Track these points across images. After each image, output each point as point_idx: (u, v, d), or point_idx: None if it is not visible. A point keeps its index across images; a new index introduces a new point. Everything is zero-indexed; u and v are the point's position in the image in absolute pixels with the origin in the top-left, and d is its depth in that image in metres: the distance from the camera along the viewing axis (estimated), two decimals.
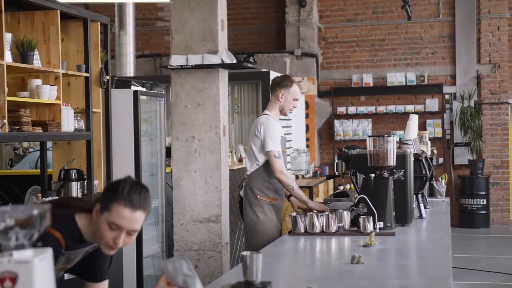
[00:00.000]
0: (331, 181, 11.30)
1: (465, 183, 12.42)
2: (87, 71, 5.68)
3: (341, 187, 12.27)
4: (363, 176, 4.58)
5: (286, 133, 10.22)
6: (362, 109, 12.93)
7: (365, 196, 4.33)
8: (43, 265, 1.75)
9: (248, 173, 5.39)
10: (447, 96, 12.83)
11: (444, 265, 3.25)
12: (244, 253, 2.72)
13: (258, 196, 5.28)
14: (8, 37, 4.78)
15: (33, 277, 1.71)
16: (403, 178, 4.54)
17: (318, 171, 11.08)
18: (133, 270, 6.35)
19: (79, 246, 2.73)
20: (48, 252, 1.78)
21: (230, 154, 8.21)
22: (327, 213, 4.35)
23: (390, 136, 4.44)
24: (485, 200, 12.34)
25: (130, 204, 2.58)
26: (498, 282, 8.24)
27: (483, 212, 12.35)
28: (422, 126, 12.46)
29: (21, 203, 5.65)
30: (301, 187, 8.98)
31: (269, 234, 5.18)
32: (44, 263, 1.75)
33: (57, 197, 5.21)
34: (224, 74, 6.07)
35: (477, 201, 12.32)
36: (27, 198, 5.93)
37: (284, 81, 5.41)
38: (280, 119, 5.48)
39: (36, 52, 5.03)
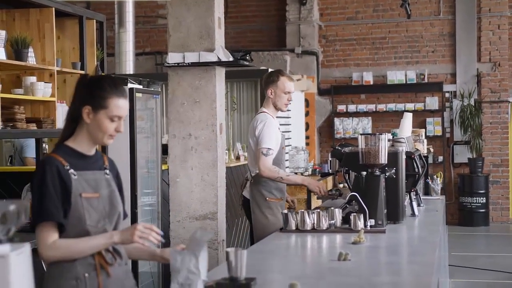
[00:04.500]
0: (330, 179, 11.31)
1: (465, 182, 12.43)
2: (82, 68, 5.71)
3: (341, 185, 12.28)
4: (355, 174, 4.59)
5: (285, 130, 10.26)
6: (362, 107, 12.94)
7: (356, 194, 4.34)
8: (20, 260, 1.77)
9: (253, 174, 5.28)
10: (447, 95, 12.84)
11: (428, 262, 3.26)
12: (229, 249, 2.75)
13: (267, 198, 5.22)
14: (2, 34, 4.81)
15: (9, 272, 1.73)
16: (394, 176, 4.55)
17: (318, 169, 11.08)
18: (129, 266, 6.35)
19: (84, 164, 2.88)
20: (26, 247, 1.80)
21: (227, 151, 8.24)
22: (318, 210, 4.36)
23: (382, 134, 4.44)
24: (484, 198, 12.34)
25: (120, 95, 2.85)
26: (495, 280, 8.24)
27: (483, 210, 12.36)
28: (422, 125, 12.47)
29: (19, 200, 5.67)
30: (300, 186, 8.99)
31: None
32: (21, 257, 1.77)
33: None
34: (220, 72, 6.09)
35: (476, 199, 12.32)
36: (24, 194, 5.95)
37: (270, 77, 5.33)
38: (279, 116, 5.46)
39: (30, 49, 5.06)
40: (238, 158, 8.31)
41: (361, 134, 4.49)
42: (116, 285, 2.90)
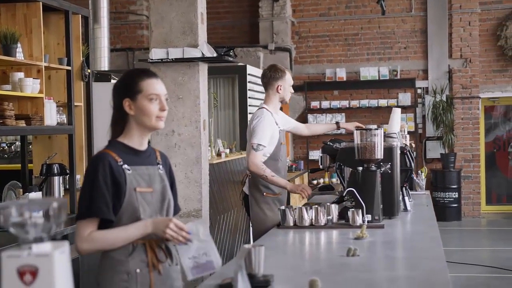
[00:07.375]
0: (306, 175, 11.34)
1: (437, 177, 12.55)
2: (69, 64, 5.60)
3: (321, 180, 12.31)
4: (350, 169, 4.58)
5: None
6: (336, 103, 12.98)
7: (353, 189, 4.34)
8: (63, 258, 1.73)
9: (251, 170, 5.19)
10: (419, 91, 12.95)
11: (439, 257, 3.28)
12: (247, 246, 2.72)
13: (264, 193, 5.21)
14: None
15: (53, 270, 1.69)
16: (390, 171, 4.56)
17: (294, 166, 11.10)
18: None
19: (137, 159, 2.90)
20: (66, 246, 1.76)
21: (209, 148, 8.18)
22: (316, 206, 4.34)
23: (377, 129, 4.45)
24: (456, 193, 12.48)
25: (150, 75, 2.93)
26: (470, 274, 8.34)
27: (455, 205, 12.50)
28: None
29: None
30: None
31: None
32: (63, 256, 1.73)
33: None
34: (204, 68, 6.05)
35: (449, 194, 12.45)
36: (5, 193, 5.83)
37: (278, 73, 5.37)
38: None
39: (19, 44, 4.95)
40: (219, 154, 8.26)
41: (356, 129, 4.49)
42: (166, 284, 2.91)
